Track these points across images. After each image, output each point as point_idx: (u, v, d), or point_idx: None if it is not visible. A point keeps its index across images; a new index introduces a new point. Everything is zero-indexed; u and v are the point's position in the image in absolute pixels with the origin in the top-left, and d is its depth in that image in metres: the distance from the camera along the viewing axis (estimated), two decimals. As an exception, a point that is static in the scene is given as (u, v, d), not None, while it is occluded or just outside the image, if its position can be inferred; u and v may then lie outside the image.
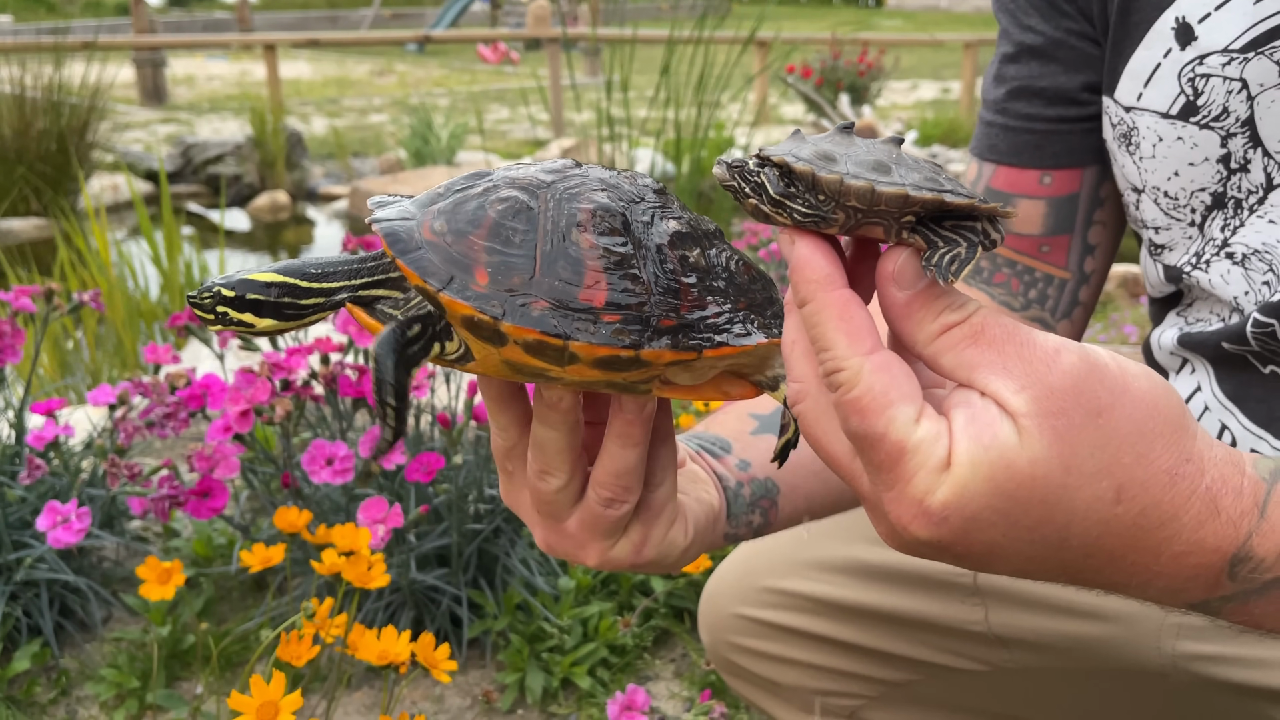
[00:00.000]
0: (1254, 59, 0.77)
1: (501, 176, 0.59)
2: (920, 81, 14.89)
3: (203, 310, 0.59)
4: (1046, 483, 0.47)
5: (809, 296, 0.50)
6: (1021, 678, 1.03)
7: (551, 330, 0.54)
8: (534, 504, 0.67)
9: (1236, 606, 0.51)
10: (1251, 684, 0.83)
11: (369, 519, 1.43)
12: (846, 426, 0.50)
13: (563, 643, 1.66)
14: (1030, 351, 0.48)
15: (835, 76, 9.04)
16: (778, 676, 1.19)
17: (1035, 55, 0.93)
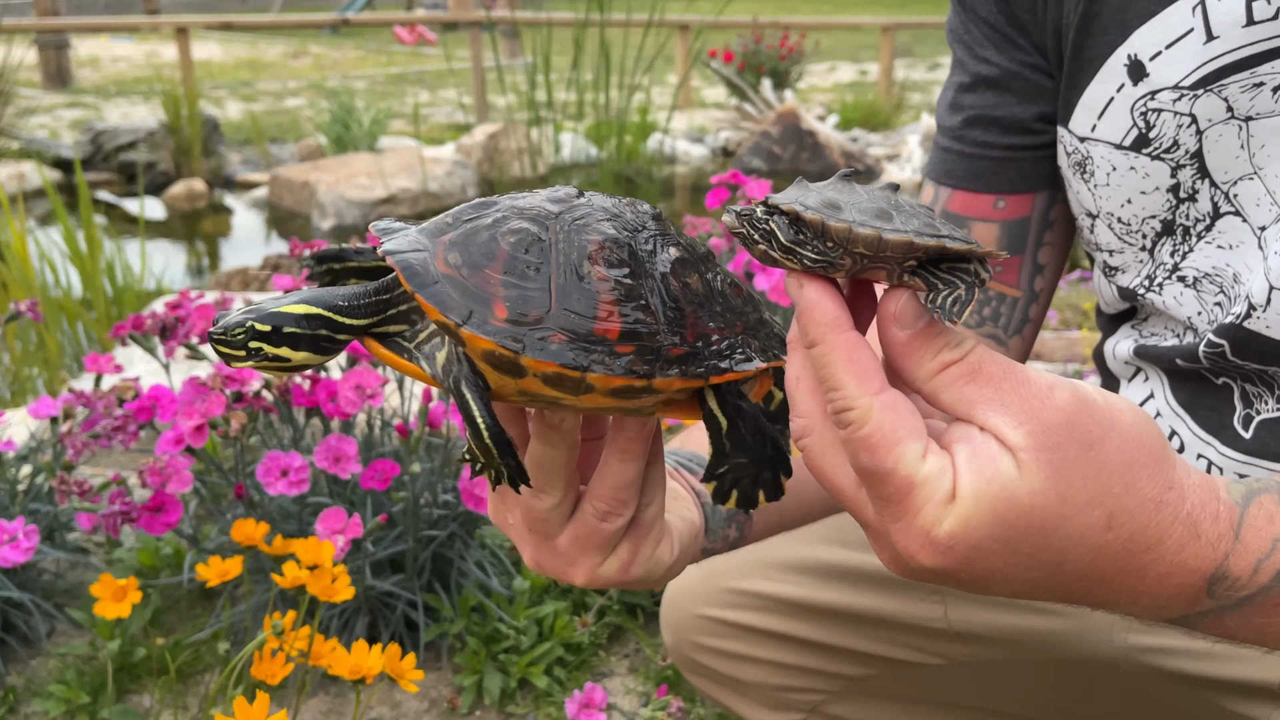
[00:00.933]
0: (1204, 95, 0.82)
1: (509, 206, 0.60)
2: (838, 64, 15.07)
3: (232, 347, 0.59)
4: (1044, 513, 0.51)
5: (818, 338, 0.53)
6: (978, 670, 1.08)
7: (570, 363, 0.56)
8: (525, 522, 0.69)
9: (1213, 621, 0.56)
10: (1198, 674, 0.89)
11: (328, 529, 1.44)
12: (856, 462, 0.53)
13: (519, 643, 1.68)
14: (1026, 389, 0.52)
15: (757, 60, 9.11)
16: (740, 674, 1.23)
17: (991, 86, 0.97)
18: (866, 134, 8.81)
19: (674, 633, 1.28)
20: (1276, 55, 0.78)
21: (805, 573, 1.19)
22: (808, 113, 8.40)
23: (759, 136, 8.03)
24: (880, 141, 8.63)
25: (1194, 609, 0.55)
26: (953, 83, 1.02)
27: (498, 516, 0.73)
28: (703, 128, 8.96)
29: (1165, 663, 0.91)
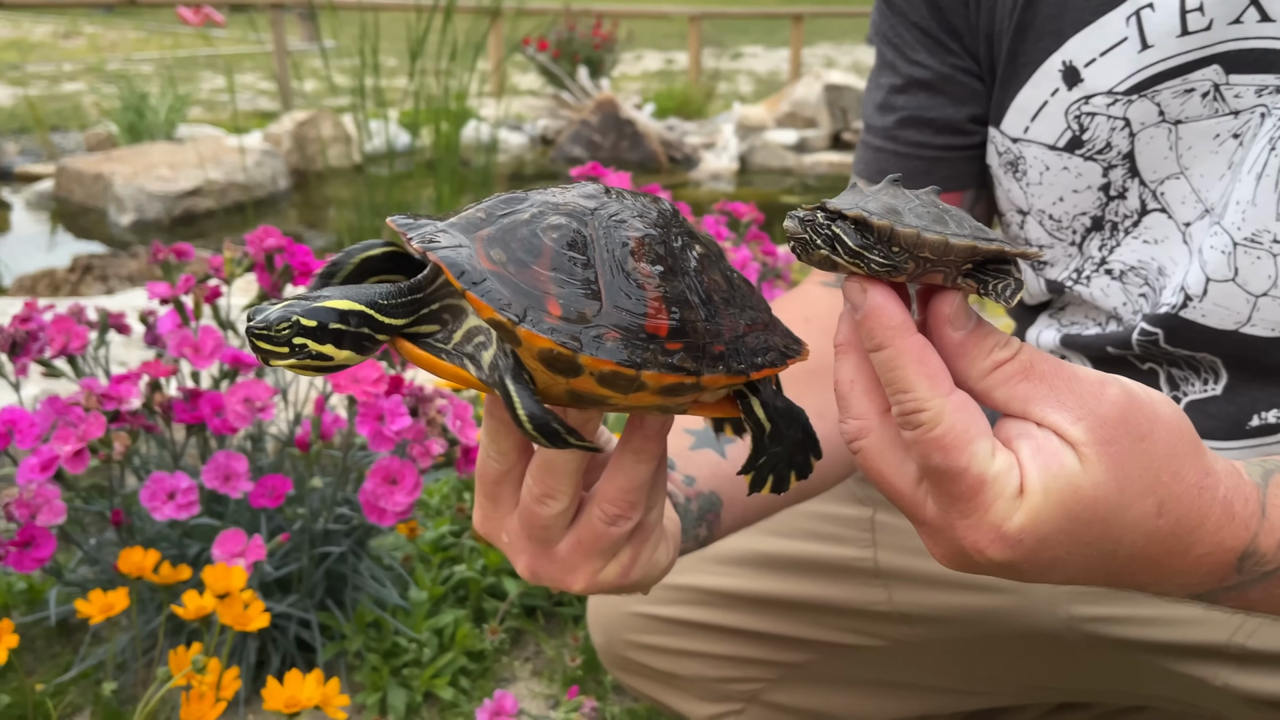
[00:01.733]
0: (1137, 100, 0.87)
1: (543, 201, 0.59)
2: (644, 52, 15.25)
3: (275, 344, 0.55)
4: (1106, 503, 0.53)
5: (886, 342, 0.54)
6: (919, 649, 1.12)
7: (626, 361, 0.56)
8: (524, 530, 0.67)
9: (1237, 594, 0.60)
10: (1144, 639, 0.95)
11: (226, 553, 1.35)
12: (927, 462, 0.54)
13: (420, 656, 1.63)
14: (1079, 385, 0.54)
15: (572, 49, 9.10)
16: (677, 669, 1.23)
17: (924, 88, 1.00)
18: (682, 123, 8.95)
19: (605, 632, 1.27)
20: (1208, 63, 0.84)
21: (742, 564, 1.20)
22: (625, 101, 8.46)
23: (579, 125, 8.03)
24: (696, 130, 8.79)
25: (1222, 584, 0.59)
26: (883, 84, 1.05)
27: (488, 526, 0.71)
28: (520, 115, 8.88)
29: (1110, 630, 0.97)
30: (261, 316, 0.55)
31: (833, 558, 1.15)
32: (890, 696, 1.20)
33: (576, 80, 8.86)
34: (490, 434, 0.66)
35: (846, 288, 0.56)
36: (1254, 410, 0.88)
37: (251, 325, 0.55)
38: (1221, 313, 0.85)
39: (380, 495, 1.44)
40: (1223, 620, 0.90)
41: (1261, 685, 0.88)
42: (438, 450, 1.46)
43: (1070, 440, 0.53)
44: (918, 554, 1.11)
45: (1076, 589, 1.00)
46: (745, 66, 15.10)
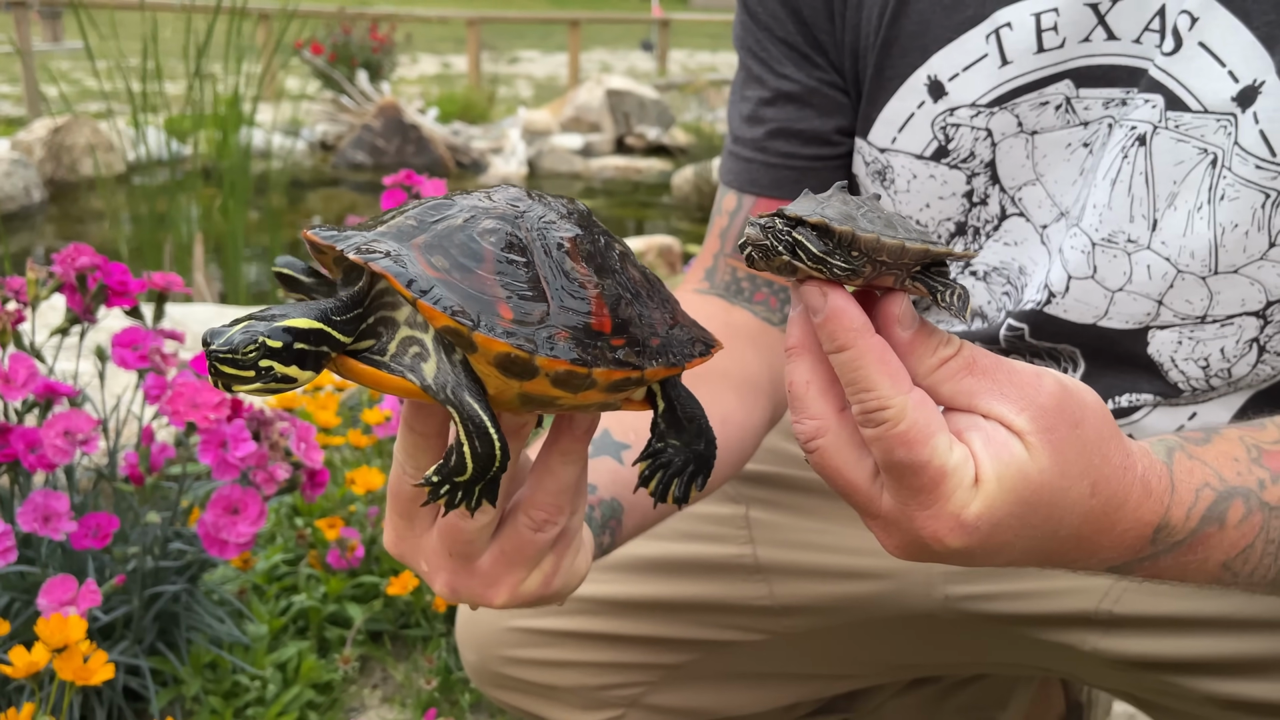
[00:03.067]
0: (999, 112, 0.93)
1: (472, 206, 0.59)
2: (420, 56, 14.99)
3: (240, 368, 0.53)
4: (1050, 487, 0.58)
5: (849, 343, 0.56)
6: (799, 640, 1.16)
7: (579, 360, 0.56)
8: (445, 547, 0.66)
9: (1149, 564, 0.66)
10: (1016, 613, 1.02)
11: (55, 601, 1.23)
12: (890, 458, 0.56)
13: (264, 693, 1.55)
14: (1019, 378, 0.58)
15: (348, 52, 8.84)
16: (555, 680, 1.22)
17: (792, 101, 1.04)
18: (467, 127, 8.86)
19: (478, 650, 1.24)
20: (1061, 78, 0.92)
21: (621, 570, 1.20)
22: (408, 105, 8.29)
23: (361, 130, 7.81)
24: (482, 135, 8.72)
25: (1138, 556, 0.65)
26: (750, 96, 1.08)
27: (402, 547, 0.69)
28: (296, 120, 8.54)
29: (983, 607, 1.04)
30: (224, 340, 0.53)
31: (712, 556, 1.17)
32: (766, 688, 1.23)
33: (356, 84, 8.61)
34: (408, 450, 0.64)
35: (804, 292, 0.58)
36: (1109, 395, 0.96)
37: (214, 349, 0.53)
38: (1082, 307, 0.93)
39: (221, 526, 1.36)
40: (1090, 589, 0.98)
41: (1128, 646, 0.96)
42: (282, 476, 1.39)
43: (1016, 430, 0.57)
44: (796, 547, 1.14)
45: (950, 571, 1.06)
46: (523, 71, 15.11)
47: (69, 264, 1.49)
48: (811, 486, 1.20)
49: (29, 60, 8.29)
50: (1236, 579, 0.69)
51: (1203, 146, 0.86)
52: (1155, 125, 0.87)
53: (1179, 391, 0.94)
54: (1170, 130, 0.87)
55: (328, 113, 8.68)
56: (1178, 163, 0.87)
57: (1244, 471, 0.67)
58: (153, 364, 1.47)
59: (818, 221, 0.57)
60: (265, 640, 1.59)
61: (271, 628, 1.62)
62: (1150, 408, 0.96)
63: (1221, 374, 0.92)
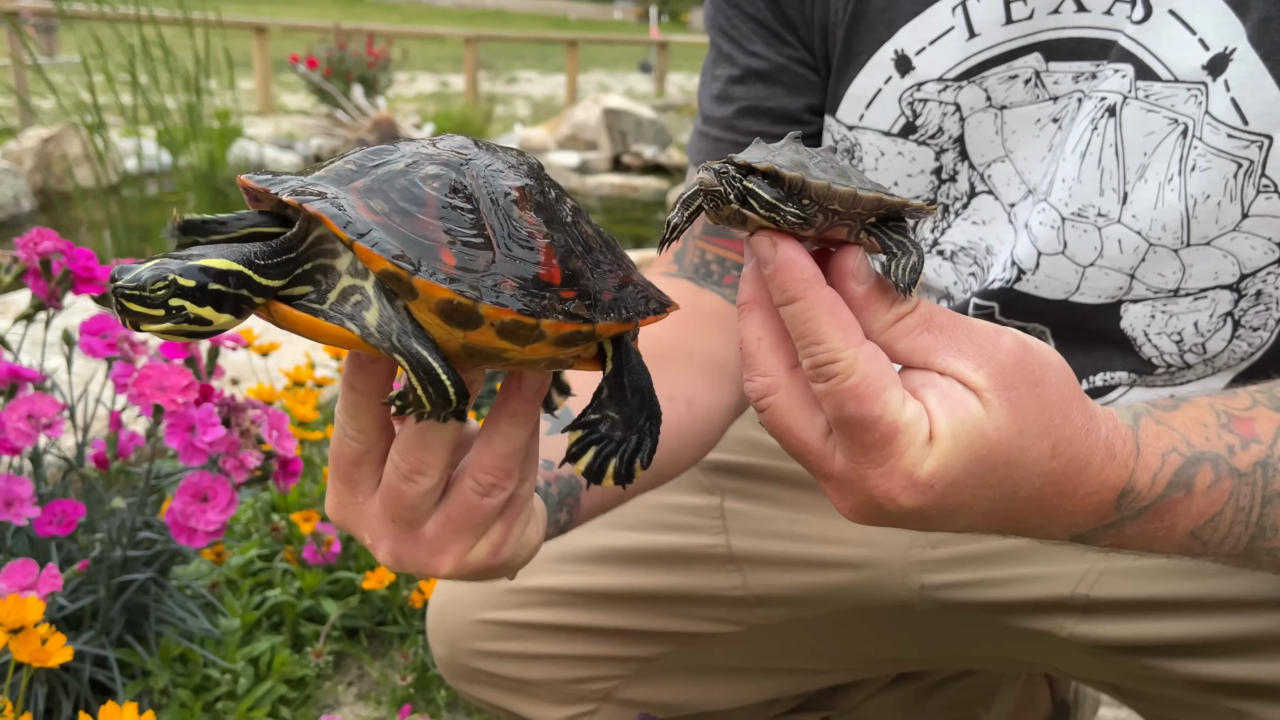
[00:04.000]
0: (966, 86, 0.92)
1: (415, 152, 0.56)
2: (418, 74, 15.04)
3: (148, 305, 0.50)
4: (1008, 446, 0.55)
5: (798, 294, 0.54)
6: (774, 632, 1.13)
7: (526, 310, 0.54)
8: (388, 513, 0.63)
9: (1115, 532, 0.63)
10: (991, 600, 0.99)
11: (15, 585, 1.21)
12: (840, 413, 0.54)
13: (235, 687, 1.52)
14: (977, 334, 0.56)
15: (344, 67, 8.86)
16: (527, 674, 1.20)
17: (761, 79, 1.02)
18: (464, 143, 8.86)
19: (447, 644, 1.21)
20: (1030, 51, 0.90)
21: (593, 561, 1.18)
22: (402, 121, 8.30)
23: (355, 144, 7.81)
24: (477, 151, 8.72)
25: (1102, 523, 0.62)
26: (720, 75, 1.06)
27: (344, 513, 0.66)
28: (291, 134, 8.55)
29: (959, 595, 1.01)
30: (132, 275, 0.50)
31: (685, 547, 1.15)
32: (742, 681, 1.21)
33: (351, 99, 8.62)
34: (349, 410, 0.61)
35: (755, 243, 0.56)
36: (1082, 375, 0.94)
37: (121, 284, 0.50)
38: (1053, 283, 0.91)
39: (190, 514, 1.33)
40: (1066, 574, 0.95)
41: (1104, 631, 0.94)
42: (253, 463, 1.36)
43: (973, 387, 0.55)
44: (770, 537, 1.12)
45: (926, 559, 1.03)
46: (521, 91, 15.16)
47: (32, 249, 1.47)
48: (787, 477, 1.18)
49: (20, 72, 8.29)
50: (1206, 548, 0.66)
51: (1173, 116, 0.84)
52: (1125, 96, 0.85)
53: (1154, 368, 0.92)
54: (1140, 100, 0.85)
55: (323, 127, 8.69)
56: (1148, 134, 0.85)
57: (1213, 437, 0.65)
58: (121, 352, 1.45)
59: (767, 168, 0.55)
60: (238, 634, 1.56)
61: (245, 622, 1.59)
62: (1127, 387, 0.94)
63: (1196, 349, 0.90)
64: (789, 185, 0.55)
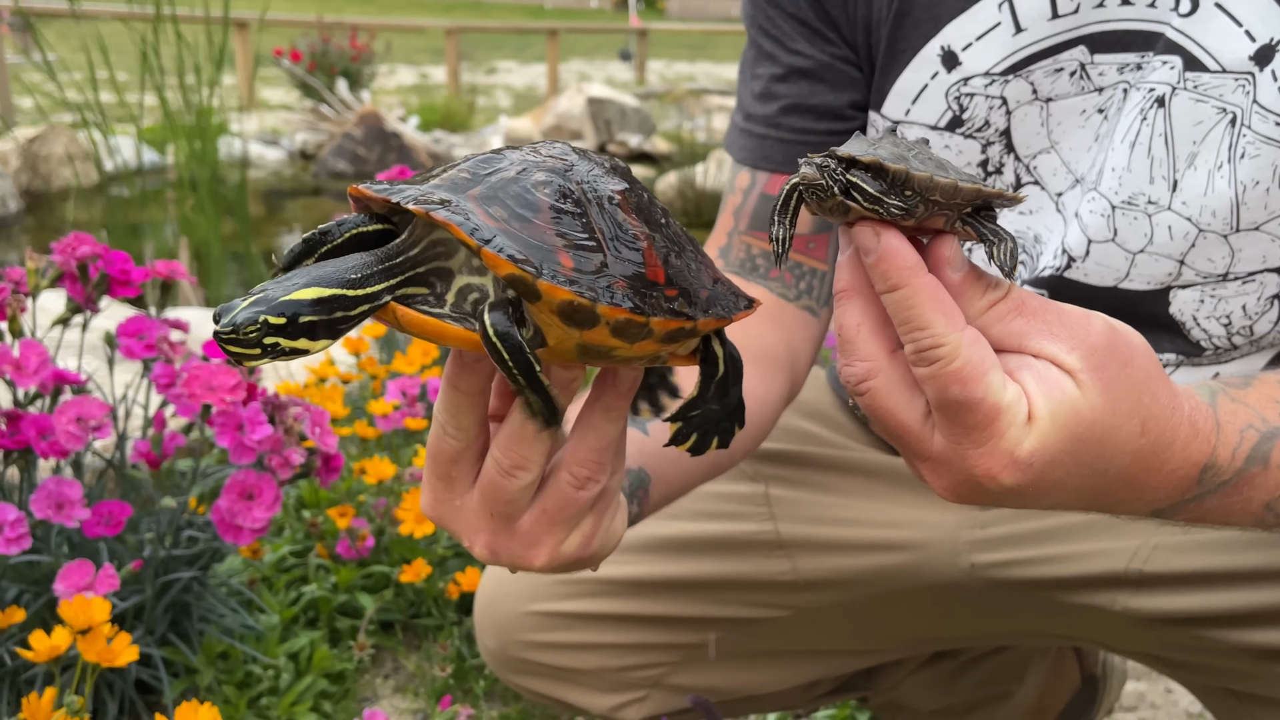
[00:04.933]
0: (1013, 80, 0.94)
1: (522, 159, 0.59)
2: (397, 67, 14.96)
3: (245, 346, 0.53)
4: (1102, 425, 0.58)
5: (902, 282, 0.57)
6: (822, 615, 1.16)
7: (637, 309, 0.57)
8: (486, 507, 0.65)
9: (1194, 506, 0.66)
10: (1043, 577, 1.03)
11: (72, 587, 1.22)
12: (944, 395, 0.57)
13: (277, 683, 1.54)
14: (1068, 318, 0.59)
15: (328, 61, 8.82)
16: (577, 663, 1.22)
17: (805, 76, 1.04)
18: (448, 135, 8.85)
19: (498, 636, 1.24)
20: (1075, 44, 0.93)
21: (642, 550, 1.20)
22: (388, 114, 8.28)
23: (342, 139, 7.79)
24: (463, 143, 8.72)
25: (1183, 498, 0.65)
26: (762, 73, 1.08)
27: (440, 509, 0.68)
28: (276, 130, 8.51)
29: (1011, 573, 1.04)
30: (228, 319, 0.53)
31: (733, 534, 1.17)
32: (788, 665, 1.23)
33: (336, 93, 8.58)
34: (450, 409, 0.63)
35: (857, 233, 0.58)
36: None
37: (219, 329, 0.53)
38: (1102, 271, 0.94)
39: (237, 512, 1.35)
40: (1119, 550, 0.98)
41: (1158, 604, 0.97)
42: (298, 460, 1.38)
43: (1067, 368, 0.58)
44: (818, 522, 1.15)
45: (976, 539, 1.06)
46: (501, 81, 15.11)
47: (69, 253, 1.48)
48: (830, 463, 1.21)
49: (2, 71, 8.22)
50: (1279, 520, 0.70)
51: (1221, 106, 0.87)
52: (1174, 86, 0.88)
53: (1201, 350, 0.95)
54: (1189, 91, 0.88)
55: (307, 121, 8.65)
56: (1197, 123, 0.88)
57: None
58: (161, 352, 1.46)
59: (871, 161, 0.57)
60: (277, 630, 1.58)
61: (283, 618, 1.61)
62: (1174, 367, 0.97)
63: (1244, 331, 0.93)
64: (893, 177, 0.57)
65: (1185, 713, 1.79)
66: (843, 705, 1.64)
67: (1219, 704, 1.04)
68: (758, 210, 1.09)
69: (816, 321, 1.09)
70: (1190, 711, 1.79)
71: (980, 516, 1.09)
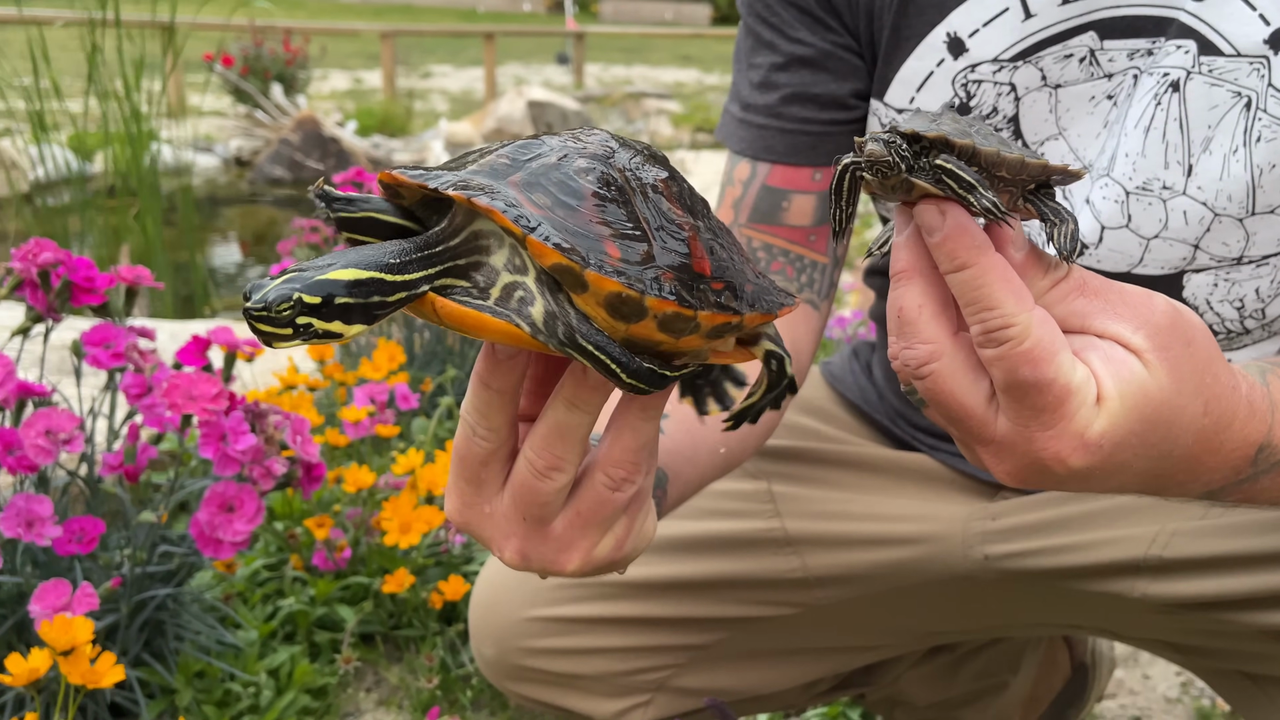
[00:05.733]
0: (1022, 67, 0.94)
1: (562, 146, 0.57)
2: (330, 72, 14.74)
3: (277, 325, 0.50)
4: (1169, 406, 0.57)
5: (970, 261, 0.55)
6: (831, 612, 1.15)
7: (686, 303, 0.55)
8: (519, 511, 0.63)
9: (1247, 486, 0.66)
10: (1059, 567, 1.02)
11: (49, 608, 1.16)
12: (1014, 377, 0.55)
13: (257, 700, 1.48)
14: (1130, 297, 0.58)
15: (261, 65, 8.65)
16: (580, 669, 1.19)
17: (806, 65, 1.03)
18: (388, 140, 8.73)
19: (496, 644, 1.21)
20: (1085, 30, 0.93)
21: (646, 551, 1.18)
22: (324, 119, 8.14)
23: (279, 144, 7.64)
24: (402, 148, 8.61)
25: (1237, 478, 0.65)
26: (760, 62, 1.07)
27: (468, 514, 0.66)
28: (209, 136, 8.32)
29: (1025, 564, 1.04)
30: (260, 295, 0.50)
31: (740, 532, 1.15)
32: (795, 664, 1.22)
33: (271, 98, 8.42)
34: (482, 409, 0.61)
35: (921, 211, 0.57)
36: None
37: (249, 306, 0.50)
38: (1116, 257, 0.94)
39: (217, 525, 1.30)
40: (1138, 536, 0.98)
41: (1178, 589, 0.97)
42: (279, 470, 1.33)
43: (1134, 348, 0.57)
44: (825, 518, 1.13)
45: (989, 530, 1.06)
46: (437, 85, 14.97)
47: (30, 260, 1.41)
48: (831, 458, 1.19)
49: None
50: None
51: (1236, 90, 0.87)
52: (1188, 71, 0.88)
53: (1214, 334, 0.96)
54: (1204, 75, 0.88)
55: (242, 127, 8.48)
56: (1212, 107, 0.88)
57: None
58: (130, 361, 1.41)
59: (937, 136, 0.56)
60: (256, 646, 1.53)
61: (260, 633, 1.56)
62: None
63: (1256, 315, 0.94)
64: (959, 153, 0.56)
65: (1163, 698, 1.81)
66: (834, 704, 1.63)
67: (1231, 687, 1.04)
68: (758, 203, 1.07)
69: (817, 315, 1.08)
70: (1168, 696, 1.81)
71: (991, 507, 1.08)
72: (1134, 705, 1.79)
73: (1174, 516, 0.98)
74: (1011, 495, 1.09)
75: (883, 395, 1.25)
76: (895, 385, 1.21)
